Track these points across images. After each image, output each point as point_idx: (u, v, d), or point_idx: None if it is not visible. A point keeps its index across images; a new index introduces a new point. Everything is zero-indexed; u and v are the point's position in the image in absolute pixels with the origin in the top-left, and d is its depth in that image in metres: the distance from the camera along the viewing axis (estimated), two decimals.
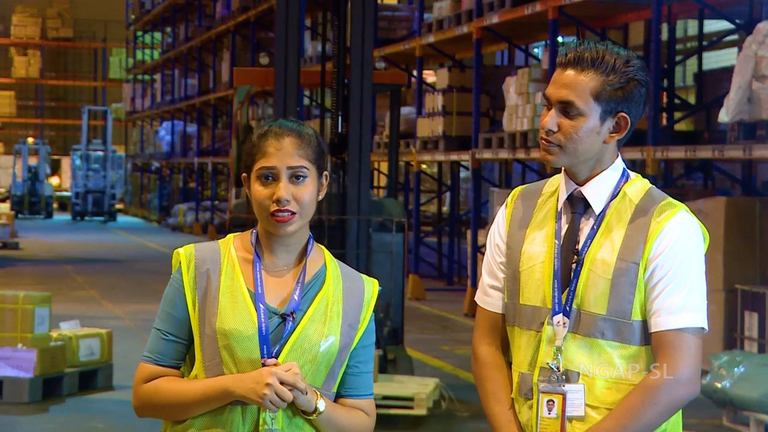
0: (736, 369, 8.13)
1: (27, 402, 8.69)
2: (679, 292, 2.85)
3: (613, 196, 2.94)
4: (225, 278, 2.81)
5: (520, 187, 3.10)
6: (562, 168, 3.00)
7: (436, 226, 20.97)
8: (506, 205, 3.07)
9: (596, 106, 2.89)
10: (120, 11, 46.66)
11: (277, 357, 2.76)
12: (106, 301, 15.24)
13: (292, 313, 2.79)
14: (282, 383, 2.69)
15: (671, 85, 13.75)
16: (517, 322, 2.98)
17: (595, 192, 2.94)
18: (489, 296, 3.05)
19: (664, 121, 13.07)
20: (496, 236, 3.05)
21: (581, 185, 2.95)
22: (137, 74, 41.83)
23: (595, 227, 2.92)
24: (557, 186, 3.00)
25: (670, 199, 2.96)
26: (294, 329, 2.78)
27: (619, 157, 2.98)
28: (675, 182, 13.84)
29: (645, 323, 2.87)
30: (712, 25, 19.22)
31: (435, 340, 12.53)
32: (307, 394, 2.73)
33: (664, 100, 13.45)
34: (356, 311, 2.86)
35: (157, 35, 38.96)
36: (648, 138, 10.71)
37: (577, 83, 2.88)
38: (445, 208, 22.07)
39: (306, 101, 24.58)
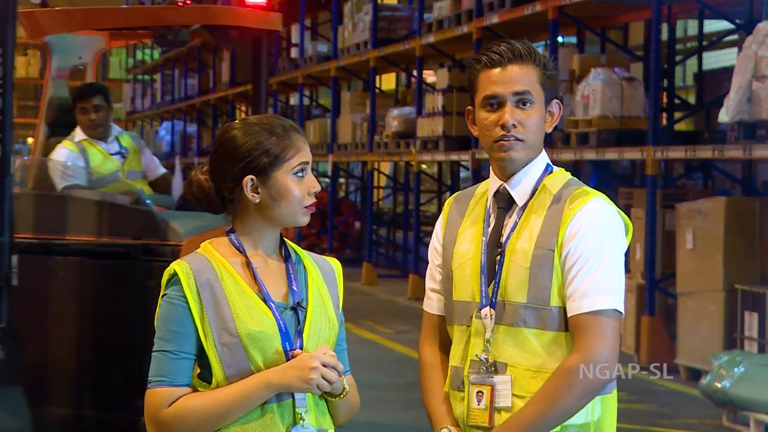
0: (736, 369, 8.12)
1: None
2: (591, 274, 2.91)
3: (535, 189, 3.02)
4: (228, 284, 2.82)
5: (455, 194, 3.21)
6: (490, 168, 3.09)
7: None
8: (443, 210, 3.18)
9: (542, 94, 3.01)
10: None
11: (301, 348, 2.81)
12: None
13: (299, 303, 2.85)
14: (324, 365, 2.75)
15: (671, 85, 13.75)
16: (453, 320, 3.07)
17: (518, 186, 3.03)
18: (430, 299, 3.16)
19: (664, 121, 13.05)
20: (434, 241, 3.16)
21: (505, 181, 3.04)
22: (137, 74, 41.83)
23: (517, 220, 3.00)
24: (488, 187, 3.10)
25: (586, 187, 3.04)
26: (306, 318, 2.84)
27: (544, 151, 3.08)
28: (675, 182, 13.83)
29: (564, 309, 2.94)
30: (712, 25, 19.21)
31: None
32: (341, 375, 2.81)
33: (664, 100, 13.44)
34: (335, 291, 2.94)
35: None
36: (648, 138, 10.71)
37: (525, 75, 2.99)
38: None
39: (306, 101, 24.60)
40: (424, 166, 20.42)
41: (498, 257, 2.98)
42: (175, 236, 6.08)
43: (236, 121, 2.91)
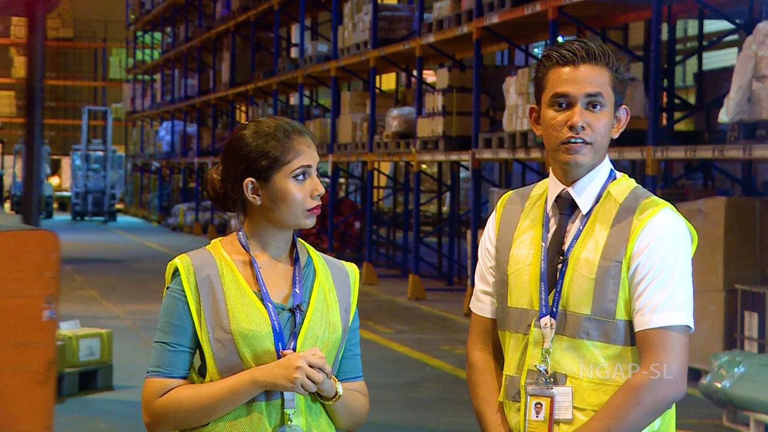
0: (736, 369, 8.13)
1: None
2: (662, 289, 2.82)
3: (599, 196, 2.92)
4: (227, 282, 2.85)
5: (509, 192, 3.11)
6: (550, 169, 2.98)
7: (436, 226, 20.97)
8: (496, 209, 3.07)
9: (613, 97, 2.91)
10: (120, 11, 46.66)
11: (294, 350, 2.83)
12: (106, 301, 15.24)
13: (298, 306, 2.86)
14: (310, 366, 2.76)
15: (671, 85, 13.76)
16: (507, 326, 2.97)
17: (583, 192, 2.93)
18: (480, 301, 3.06)
19: (664, 121, 13.06)
20: (486, 241, 3.05)
21: (569, 186, 2.93)
22: (137, 74, 41.85)
23: (580, 227, 2.91)
24: (545, 189, 2.99)
25: (654, 197, 2.93)
26: (303, 321, 2.85)
27: (607, 156, 2.98)
28: (675, 182, 13.84)
29: (630, 323, 2.85)
30: (712, 25, 19.23)
31: (435, 340, 12.53)
32: (330, 377, 2.81)
33: (664, 100, 13.45)
34: (347, 296, 2.95)
35: (157, 35, 38.98)
36: (648, 138, 10.71)
37: (597, 77, 2.89)
38: (445, 208, 22.08)
39: (306, 101, 24.60)
40: (424, 166, 20.42)
41: (560, 265, 2.89)
42: None
43: (248, 122, 2.93)
